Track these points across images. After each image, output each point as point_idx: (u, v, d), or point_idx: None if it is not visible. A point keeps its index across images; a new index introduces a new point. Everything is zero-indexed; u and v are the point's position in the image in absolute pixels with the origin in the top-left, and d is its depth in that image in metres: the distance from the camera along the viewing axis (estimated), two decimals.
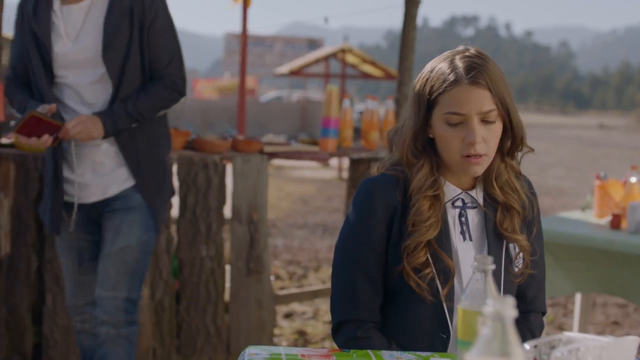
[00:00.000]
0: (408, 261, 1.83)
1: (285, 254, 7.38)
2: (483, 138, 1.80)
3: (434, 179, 1.87)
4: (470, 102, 1.79)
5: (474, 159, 1.82)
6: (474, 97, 1.79)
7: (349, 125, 4.25)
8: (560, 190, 13.71)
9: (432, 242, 1.84)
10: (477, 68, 1.80)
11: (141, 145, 2.86)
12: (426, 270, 1.83)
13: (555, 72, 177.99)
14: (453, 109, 1.80)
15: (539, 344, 1.38)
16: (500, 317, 0.91)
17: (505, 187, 1.92)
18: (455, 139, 1.82)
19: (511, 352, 0.91)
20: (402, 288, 1.87)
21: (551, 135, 34.38)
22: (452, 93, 1.80)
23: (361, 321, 1.89)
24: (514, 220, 1.91)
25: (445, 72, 1.82)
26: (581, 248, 3.64)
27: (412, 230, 1.84)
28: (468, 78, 1.79)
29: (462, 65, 1.81)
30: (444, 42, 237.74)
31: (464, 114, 1.80)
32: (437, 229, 1.85)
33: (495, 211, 1.91)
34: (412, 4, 4.29)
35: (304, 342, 4.60)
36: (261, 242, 3.89)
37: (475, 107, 1.79)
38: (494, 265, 1.39)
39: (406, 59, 4.35)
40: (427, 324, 1.86)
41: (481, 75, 1.79)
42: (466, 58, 1.83)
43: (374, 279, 1.89)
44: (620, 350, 1.43)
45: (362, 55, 18.24)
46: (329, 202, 11.31)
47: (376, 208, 1.88)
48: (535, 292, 1.98)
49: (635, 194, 3.78)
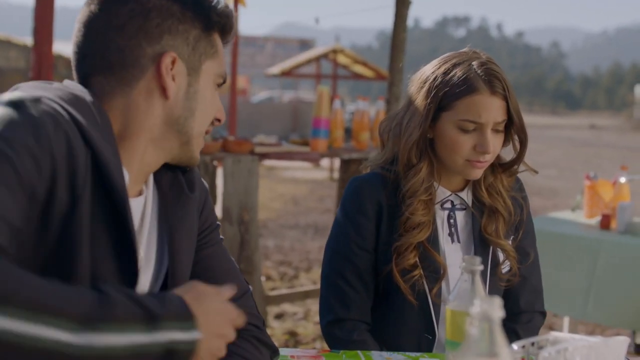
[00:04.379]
0: (397, 262, 1.82)
1: (276, 255, 7.37)
2: (493, 146, 1.80)
3: (430, 183, 1.86)
4: (489, 112, 1.77)
5: (479, 164, 1.81)
6: (494, 107, 1.77)
7: (340, 126, 4.26)
8: (552, 190, 13.74)
9: (422, 242, 1.84)
10: (497, 77, 1.78)
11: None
12: (415, 272, 1.83)
13: (546, 72, 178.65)
14: (471, 117, 1.78)
15: (527, 344, 1.38)
16: (487, 317, 0.91)
17: (491, 189, 1.92)
18: (465, 145, 1.80)
19: (498, 352, 0.91)
20: (389, 289, 1.87)
21: (542, 135, 34.45)
22: (472, 100, 1.77)
23: (353, 321, 1.88)
24: (499, 224, 1.89)
25: (463, 78, 1.78)
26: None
27: (404, 232, 1.83)
28: (489, 87, 1.77)
29: (482, 73, 1.78)
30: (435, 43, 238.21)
31: (482, 122, 1.78)
32: (429, 232, 1.84)
33: (482, 214, 1.91)
34: (402, 4, 4.29)
35: (295, 343, 4.59)
36: (252, 243, 3.89)
37: (493, 117, 1.78)
38: (482, 266, 1.39)
39: (397, 59, 4.35)
40: (414, 325, 1.86)
41: (500, 84, 1.77)
42: (485, 66, 1.79)
43: (365, 278, 1.89)
44: (609, 351, 1.43)
45: (353, 56, 18.24)
46: (321, 203, 11.30)
47: (365, 206, 1.88)
48: (527, 294, 1.97)
49: (624, 194, 3.79)
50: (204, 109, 1.33)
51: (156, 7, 1.27)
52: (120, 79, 1.26)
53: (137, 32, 1.25)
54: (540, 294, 2.01)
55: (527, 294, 1.96)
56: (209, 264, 1.43)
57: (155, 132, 1.29)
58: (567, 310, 3.74)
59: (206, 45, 1.32)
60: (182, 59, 1.29)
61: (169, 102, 1.28)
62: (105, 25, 1.26)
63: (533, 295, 1.98)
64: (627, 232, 3.64)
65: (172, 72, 1.27)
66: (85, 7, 1.29)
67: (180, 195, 1.37)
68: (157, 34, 1.26)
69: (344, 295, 1.88)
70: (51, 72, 4.87)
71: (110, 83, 1.26)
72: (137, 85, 1.26)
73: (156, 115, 1.28)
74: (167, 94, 1.27)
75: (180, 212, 1.36)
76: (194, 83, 1.31)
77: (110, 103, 1.26)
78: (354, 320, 1.88)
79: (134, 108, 1.26)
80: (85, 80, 1.27)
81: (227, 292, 1.15)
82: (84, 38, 1.27)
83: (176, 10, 1.28)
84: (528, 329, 1.95)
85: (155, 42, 1.26)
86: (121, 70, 1.26)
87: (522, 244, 1.96)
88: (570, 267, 3.66)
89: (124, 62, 1.25)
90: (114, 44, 1.25)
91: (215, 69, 1.35)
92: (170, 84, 1.27)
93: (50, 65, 4.89)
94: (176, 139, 1.31)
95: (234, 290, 1.17)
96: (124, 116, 1.26)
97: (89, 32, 1.27)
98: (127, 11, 1.25)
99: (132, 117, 1.26)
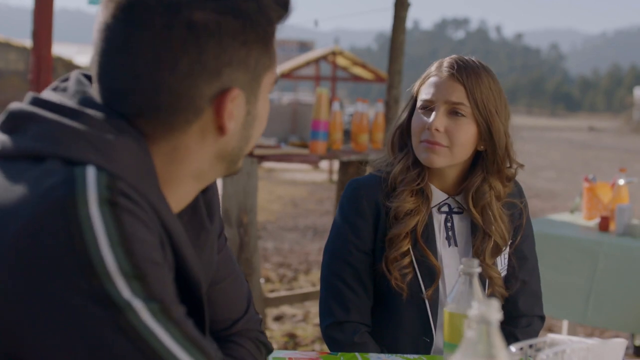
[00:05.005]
0: (389, 252, 1.84)
1: (275, 257, 7.37)
2: (446, 128, 1.82)
3: (416, 172, 1.88)
4: (440, 91, 1.83)
5: (429, 145, 1.83)
6: (445, 86, 1.83)
7: (339, 128, 4.25)
8: (551, 192, 13.75)
9: (418, 241, 1.84)
10: (460, 66, 1.83)
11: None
12: (405, 260, 1.83)
13: (545, 74, 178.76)
14: (424, 96, 1.85)
15: (525, 347, 1.38)
16: (485, 319, 0.91)
17: (485, 212, 1.88)
18: (420, 124, 1.85)
19: (496, 354, 0.91)
20: (387, 291, 1.87)
21: (541, 137, 34.48)
22: (429, 82, 1.86)
23: (353, 323, 1.88)
24: (492, 249, 1.87)
25: (433, 67, 1.89)
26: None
27: (395, 221, 1.85)
28: (446, 70, 1.83)
29: (447, 61, 1.86)
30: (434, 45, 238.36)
31: (432, 100, 1.83)
32: (417, 218, 1.85)
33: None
34: (401, 7, 4.30)
35: (294, 345, 4.59)
36: (251, 245, 3.89)
37: (443, 95, 1.82)
38: (480, 269, 1.39)
39: (396, 61, 4.36)
40: (411, 328, 1.87)
41: (461, 71, 1.82)
42: (457, 58, 1.86)
43: (364, 280, 1.89)
44: (607, 353, 1.43)
45: (352, 58, 18.24)
46: (320, 205, 11.31)
47: (362, 208, 1.89)
48: (526, 298, 1.97)
49: (623, 196, 3.79)
50: (260, 128, 1.15)
51: (210, 30, 1.01)
52: (169, 123, 1.04)
53: (192, 68, 1.01)
54: (540, 298, 2.01)
55: (526, 297, 1.96)
56: (217, 272, 1.39)
57: (204, 169, 1.11)
58: (567, 315, 3.74)
59: (265, 59, 1.09)
60: (243, 89, 1.07)
61: (224, 138, 1.08)
62: (152, 59, 1.00)
63: (532, 299, 1.98)
64: (626, 234, 3.64)
65: (232, 108, 1.06)
66: (116, 23, 1.01)
67: (200, 235, 1.22)
68: (216, 68, 1.02)
69: (344, 298, 1.88)
70: (50, 74, 4.88)
71: (155, 127, 1.04)
72: (189, 128, 1.05)
73: (208, 153, 1.09)
74: (225, 132, 1.07)
75: (199, 252, 1.21)
76: (253, 109, 1.10)
77: (153, 147, 1.05)
78: (354, 323, 1.88)
79: (182, 150, 1.06)
80: (124, 118, 1.03)
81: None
82: (122, 70, 1.02)
83: (234, 28, 1.02)
84: (527, 333, 1.95)
85: (214, 79, 1.03)
86: (171, 115, 1.03)
87: (521, 247, 1.96)
88: (569, 271, 3.66)
89: (175, 106, 1.02)
90: (165, 85, 1.01)
91: (272, 78, 1.13)
92: (229, 121, 1.06)
93: (50, 68, 4.89)
94: (225, 168, 1.14)
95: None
96: (170, 161, 1.07)
97: (128, 64, 1.01)
98: (178, 40, 0.99)
99: (179, 160, 1.07)
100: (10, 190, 0.95)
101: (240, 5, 1.02)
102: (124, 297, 0.92)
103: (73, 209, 0.91)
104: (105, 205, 0.93)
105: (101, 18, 1.03)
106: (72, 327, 0.91)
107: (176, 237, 1.06)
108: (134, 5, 1.00)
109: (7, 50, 17.20)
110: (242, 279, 1.41)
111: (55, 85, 1.09)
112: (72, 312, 0.91)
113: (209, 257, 1.26)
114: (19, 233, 0.91)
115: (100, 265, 0.91)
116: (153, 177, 1.04)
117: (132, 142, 1.01)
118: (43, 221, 0.91)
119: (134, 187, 0.98)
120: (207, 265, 1.25)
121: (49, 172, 0.94)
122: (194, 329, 1.00)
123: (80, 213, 0.91)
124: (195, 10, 1.00)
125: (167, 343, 0.95)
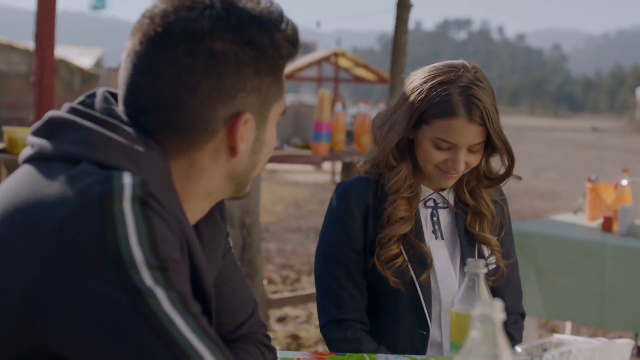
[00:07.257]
0: (380, 254, 1.87)
1: (278, 258, 7.37)
2: (466, 163, 1.84)
3: (414, 181, 1.91)
4: (464, 136, 1.81)
5: (449, 175, 1.86)
6: (470, 132, 1.80)
7: (342, 129, 4.25)
8: (554, 193, 13.73)
9: (407, 236, 1.88)
10: (477, 104, 1.79)
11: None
12: (398, 260, 1.86)
13: (548, 75, 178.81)
14: (445, 137, 1.82)
15: (531, 347, 1.38)
16: (489, 320, 0.91)
17: (474, 193, 1.96)
18: (438, 159, 1.85)
19: (500, 355, 0.91)
20: (381, 288, 1.90)
21: (544, 138, 34.47)
22: (449, 124, 1.80)
23: (348, 321, 1.91)
24: (484, 224, 1.94)
25: (444, 100, 1.81)
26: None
27: (387, 224, 1.88)
28: (467, 114, 1.79)
29: (462, 98, 1.79)
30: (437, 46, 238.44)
31: (456, 144, 1.82)
32: (411, 225, 1.89)
33: (466, 213, 1.96)
34: (403, 8, 4.30)
35: (298, 347, 4.59)
36: (254, 247, 3.89)
37: (468, 141, 1.81)
38: (486, 269, 1.39)
39: (398, 63, 4.35)
40: (407, 322, 1.90)
41: (479, 112, 1.79)
42: (468, 91, 1.80)
43: (357, 279, 1.93)
44: (613, 353, 1.43)
45: (355, 59, 18.27)
46: (322, 206, 11.29)
47: (351, 209, 1.93)
48: (511, 295, 2.00)
49: (626, 197, 3.79)
50: (266, 155, 1.24)
51: (229, 59, 1.11)
52: (186, 141, 1.14)
53: (211, 92, 1.11)
54: (521, 296, 2.06)
55: (511, 295, 2.00)
56: (223, 275, 1.41)
57: (215, 188, 1.21)
58: (585, 319, 3.71)
59: (275, 89, 1.19)
60: (254, 115, 1.17)
61: (235, 159, 1.18)
62: (175, 81, 1.10)
63: (516, 296, 2.03)
64: (630, 234, 3.63)
65: (244, 131, 1.16)
66: (142, 49, 1.12)
67: (216, 235, 1.31)
68: (232, 92, 1.13)
69: (337, 297, 1.92)
70: (53, 76, 4.89)
71: (174, 144, 1.14)
72: (204, 147, 1.15)
73: (220, 173, 1.19)
74: (236, 153, 1.17)
75: (217, 249, 1.32)
76: (262, 135, 1.20)
77: (172, 163, 1.15)
78: (348, 321, 1.91)
79: (198, 168, 1.17)
80: (148, 135, 1.12)
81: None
82: (147, 89, 1.12)
83: (250, 58, 1.13)
84: (517, 330, 2.00)
85: (229, 103, 1.13)
86: (190, 133, 1.13)
87: (504, 243, 2.00)
88: (578, 275, 3.62)
89: (194, 126, 1.12)
90: (185, 105, 1.11)
91: (281, 109, 1.23)
92: (241, 143, 1.16)
93: (52, 70, 4.90)
94: (234, 190, 1.24)
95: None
96: (186, 178, 1.17)
97: (152, 84, 1.11)
98: (200, 66, 1.10)
99: (193, 178, 1.17)
100: (48, 186, 1.04)
101: (256, 39, 1.13)
102: (147, 285, 0.99)
103: (109, 204, 1.00)
104: (137, 203, 1.02)
105: (129, 46, 1.14)
106: (96, 311, 0.98)
107: (193, 248, 1.14)
108: (160, 34, 1.10)
109: (10, 52, 17.22)
110: (248, 283, 1.44)
111: (83, 99, 1.17)
112: (97, 297, 0.98)
113: (217, 258, 1.33)
114: (63, 221, 0.99)
115: (128, 255, 0.99)
116: (174, 191, 1.14)
117: (158, 157, 1.12)
118: (83, 213, 0.99)
119: (161, 196, 1.07)
120: (214, 267, 1.32)
121: (87, 173, 1.04)
122: (209, 326, 1.05)
123: (115, 208, 1.00)
124: (217, 40, 1.10)
125: (185, 332, 1.00)
